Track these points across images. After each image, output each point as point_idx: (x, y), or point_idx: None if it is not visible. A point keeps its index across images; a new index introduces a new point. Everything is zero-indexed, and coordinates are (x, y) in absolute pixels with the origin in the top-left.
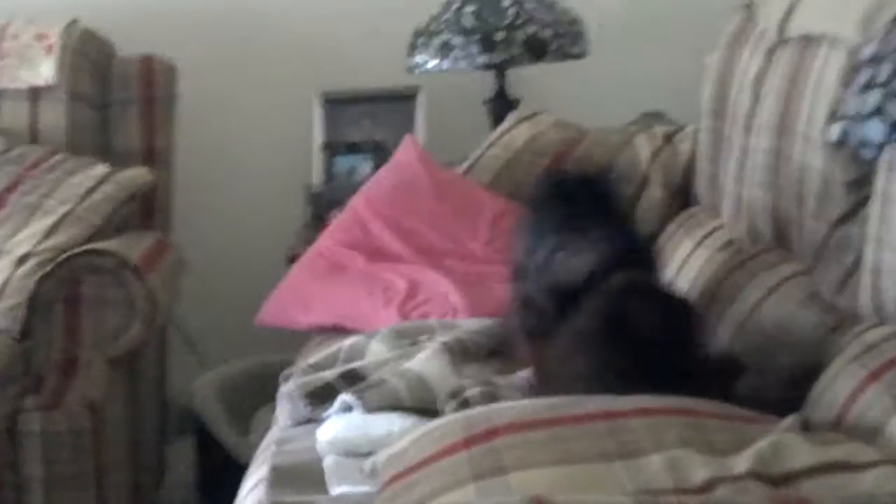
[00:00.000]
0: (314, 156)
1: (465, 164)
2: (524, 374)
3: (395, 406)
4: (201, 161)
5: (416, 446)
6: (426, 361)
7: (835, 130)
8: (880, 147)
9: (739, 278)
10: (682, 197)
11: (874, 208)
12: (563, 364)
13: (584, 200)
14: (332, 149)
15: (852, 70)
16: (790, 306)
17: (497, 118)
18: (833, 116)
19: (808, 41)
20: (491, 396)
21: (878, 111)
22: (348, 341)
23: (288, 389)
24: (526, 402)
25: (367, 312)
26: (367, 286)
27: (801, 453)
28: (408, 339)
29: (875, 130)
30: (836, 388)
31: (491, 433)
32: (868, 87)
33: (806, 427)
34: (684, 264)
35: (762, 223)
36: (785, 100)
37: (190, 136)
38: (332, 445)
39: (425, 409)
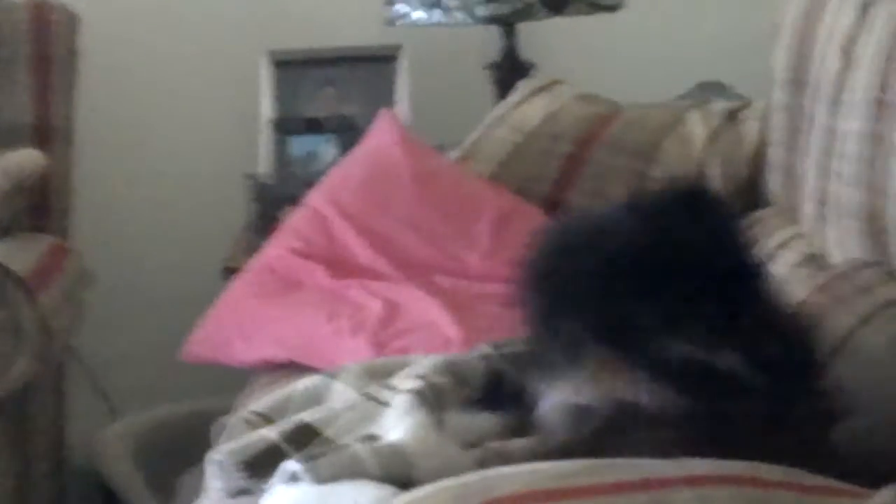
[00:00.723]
0: (261, 136)
1: (461, 149)
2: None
3: (357, 476)
4: (111, 142)
5: None
6: (400, 423)
7: None
8: None
9: (824, 302)
10: (748, 194)
11: None
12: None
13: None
14: (285, 127)
15: None
16: (890, 339)
17: (503, 88)
18: None
19: None
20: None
21: None
22: (303, 383)
23: (220, 453)
24: (540, 465)
25: (328, 343)
26: (328, 308)
27: None
28: (383, 381)
29: None
30: None
31: None
32: None
33: None
34: None
35: (853, 230)
36: (884, 69)
37: (96, 109)
38: None
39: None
